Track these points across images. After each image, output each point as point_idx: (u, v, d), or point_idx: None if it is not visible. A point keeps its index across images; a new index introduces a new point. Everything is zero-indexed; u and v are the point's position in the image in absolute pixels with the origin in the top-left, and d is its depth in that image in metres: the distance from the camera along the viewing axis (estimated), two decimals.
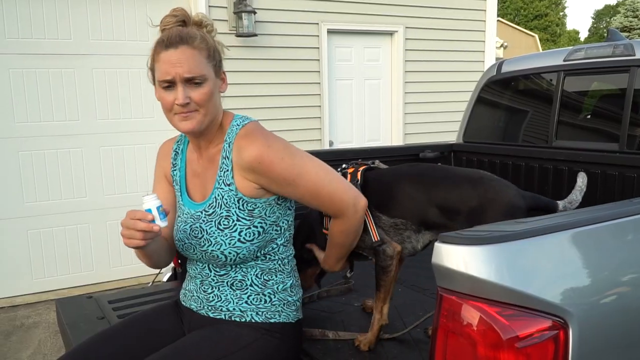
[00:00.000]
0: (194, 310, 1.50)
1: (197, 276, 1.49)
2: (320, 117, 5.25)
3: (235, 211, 1.38)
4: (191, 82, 1.32)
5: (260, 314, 1.44)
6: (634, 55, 2.37)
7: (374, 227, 1.58)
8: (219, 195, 1.39)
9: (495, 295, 0.95)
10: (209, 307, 1.47)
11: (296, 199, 1.43)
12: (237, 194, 1.38)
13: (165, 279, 2.35)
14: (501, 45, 11.07)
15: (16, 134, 4.11)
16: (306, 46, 5.09)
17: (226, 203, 1.38)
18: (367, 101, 5.64)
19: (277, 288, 1.47)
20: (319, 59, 5.16)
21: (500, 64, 3.04)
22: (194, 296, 1.50)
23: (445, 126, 5.70)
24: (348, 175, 1.65)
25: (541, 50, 20.63)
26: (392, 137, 5.78)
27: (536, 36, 21.64)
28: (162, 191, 1.54)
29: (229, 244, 1.37)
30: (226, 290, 1.45)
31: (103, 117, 4.38)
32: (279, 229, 1.45)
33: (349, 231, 1.50)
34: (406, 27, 5.56)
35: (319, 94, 5.22)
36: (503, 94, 3.04)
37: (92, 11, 4.27)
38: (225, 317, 1.45)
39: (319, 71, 5.17)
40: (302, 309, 1.56)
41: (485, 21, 6.05)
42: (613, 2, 42.50)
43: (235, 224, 1.37)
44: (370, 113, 5.69)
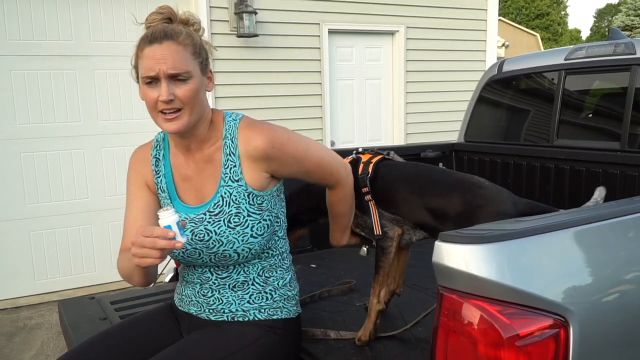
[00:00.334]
0: (193, 315, 1.49)
1: (195, 281, 1.46)
2: (321, 117, 5.25)
3: (245, 207, 1.37)
4: (175, 79, 1.28)
5: (262, 311, 1.44)
6: (635, 54, 2.37)
7: (377, 220, 1.65)
8: (226, 194, 1.37)
9: (496, 294, 0.95)
10: (210, 311, 1.45)
11: (301, 176, 1.46)
12: (247, 189, 1.37)
13: (167, 280, 2.36)
14: (502, 45, 11.06)
15: (18, 135, 4.12)
16: (307, 46, 5.09)
17: (235, 200, 1.36)
18: (368, 101, 5.64)
19: (278, 284, 1.47)
20: (320, 59, 5.16)
21: (501, 63, 3.04)
22: (192, 301, 1.48)
23: (447, 126, 5.69)
24: (361, 164, 1.69)
25: (543, 50, 20.63)
26: (394, 136, 5.78)
27: (538, 35, 21.61)
28: (143, 200, 1.46)
29: (242, 240, 1.36)
30: (227, 293, 1.44)
31: (104, 118, 4.39)
32: (279, 220, 1.47)
33: (347, 197, 1.58)
34: (407, 27, 5.56)
35: (320, 94, 5.22)
36: (504, 93, 3.04)
37: (93, 12, 4.28)
38: (227, 318, 1.44)
39: (320, 71, 5.18)
40: (301, 306, 1.58)
41: (486, 20, 6.04)
42: (615, 1, 42.44)
43: (247, 220, 1.36)
44: (372, 113, 5.69)
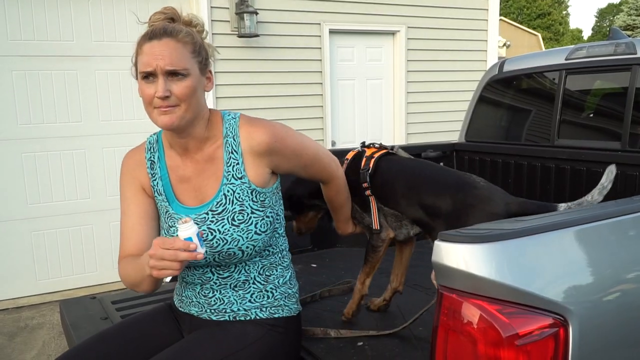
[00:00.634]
0: (194, 315, 1.49)
1: (196, 282, 1.46)
2: (322, 117, 5.26)
3: (249, 204, 1.37)
4: (173, 76, 1.28)
5: (264, 310, 1.45)
6: (635, 54, 2.37)
7: (377, 215, 1.72)
8: (229, 191, 1.37)
9: (496, 293, 0.95)
10: (212, 311, 1.45)
11: (298, 170, 1.50)
12: (250, 186, 1.38)
13: (168, 280, 2.35)
14: (504, 45, 11.04)
15: (19, 135, 4.13)
16: (308, 46, 5.09)
17: (239, 197, 1.37)
18: (369, 101, 5.65)
19: (278, 282, 1.48)
20: (320, 59, 5.16)
21: (502, 63, 3.04)
22: (193, 302, 1.48)
23: (448, 125, 5.69)
24: (364, 158, 1.75)
25: (544, 49, 20.60)
26: (395, 136, 5.78)
27: (539, 35, 21.58)
28: (140, 204, 1.45)
29: (246, 238, 1.37)
30: (228, 292, 1.44)
31: (106, 118, 4.40)
32: (278, 217, 1.48)
33: (342, 189, 1.66)
34: (408, 27, 5.56)
35: (321, 94, 5.22)
36: (505, 93, 3.04)
37: (95, 13, 4.29)
38: (229, 318, 1.44)
39: (321, 71, 5.18)
40: (302, 305, 1.58)
41: (487, 20, 6.04)
42: (616, 1, 42.39)
43: (250, 217, 1.37)
44: (373, 113, 5.69)
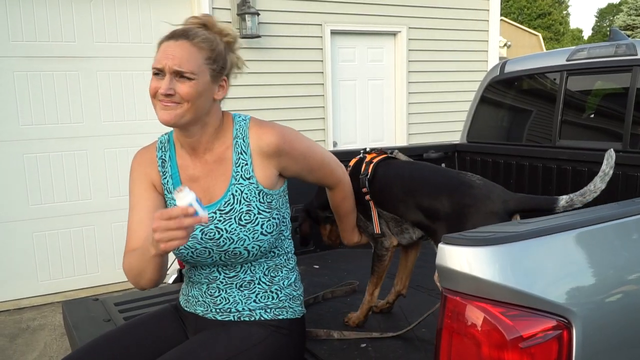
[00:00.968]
0: (199, 315, 1.50)
1: (202, 281, 1.48)
2: (324, 118, 5.26)
3: (256, 204, 1.40)
4: (180, 76, 1.31)
5: (268, 311, 1.46)
6: (636, 55, 2.37)
7: (377, 220, 1.73)
8: (237, 191, 1.40)
9: (499, 296, 0.96)
10: (217, 311, 1.46)
11: (306, 173, 1.52)
12: (257, 187, 1.40)
13: (170, 281, 2.36)
14: (504, 45, 11.05)
15: (21, 136, 4.13)
16: (309, 47, 5.10)
17: (246, 197, 1.39)
18: (370, 101, 5.65)
19: (283, 284, 1.49)
20: (322, 60, 5.17)
21: (503, 64, 3.05)
22: (199, 301, 1.49)
23: (449, 126, 5.70)
24: (364, 164, 1.77)
25: (545, 49, 20.61)
26: (396, 137, 5.79)
27: (540, 35, 21.57)
28: (150, 201, 1.46)
29: (252, 238, 1.38)
30: (234, 292, 1.45)
31: (107, 119, 4.41)
32: (285, 220, 1.50)
33: (348, 195, 1.68)
34: (409, 28, 5.57)
35: (323, 95, 5.23)
36: (506, 93, 3.04)
37: (96, 14, 4.29)
38: (234, 318, 1.45)
39: (322, 72, 5.19)
40: (305, 306, 1.58)
41: (488, 21, 6.05)
42: (616, 1, 42.38)
43: (257, 217, 1.39)
44: (374, 113, 5.69)
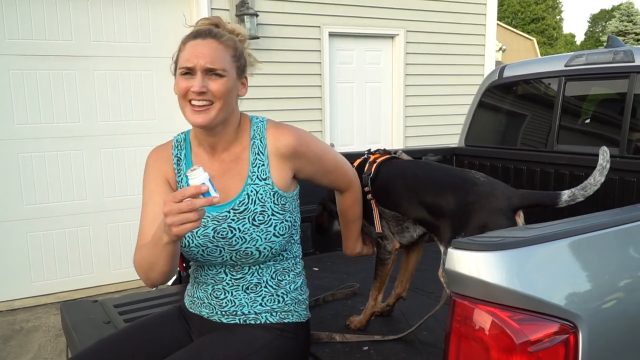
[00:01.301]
0: (204, 317, 1.49)
1: (208, 282, 1.47)
2: (321, 120, 5.27)
3: (270, 206, 1.41)
4: (211, 73, 1.34)
5: (274, 314, 1.45)
6: (633, 62, 2.40)
7: (379, 220, 1.75)
8: (252, 192, 1.41)
9: (507, 300, 0.97)
10: (222, 313, 1.46)
11: (320, 175, 1.53)
12: (273, 188, 1.42)
13: (170, 283, 2.35)
14: (499, 49, 11.12)
15: (16, 135, 4.10)
16: (308, 49, 5.11)
17: (261, 198, 1.40)
18: (368, 104, 5.67)
19: (290, 287, 1.49)
20: (320, 62, 5.18)
21: (501, 68, 3.06)
22: (204, 303, 1.49)
23: (446, 129, 5.73)
24: (367, 164, 1.79)
25: (539, 54, 20.74)
26: (393, 139, 5.81)
27: (534, 40, 21.71)
28: (164, 194, 1.46)
29: (264, 239, 1.39)
30: (240, 295, 1.45)
31: (104, 119, 4.39)
32: (296, 224, 1.50)
33: (359, 199, 1.69)
34: (407, 31, 5.59)
35: (320, 97, 5.24)
36: (504, 98, 3.06)
37: (94, 13, 4.28)
38: (240, 321, 1.45)
39: (320, 74, 5.19)
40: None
41: (485, 25, 6.09)
42: (608, 7, 42.75)
43: (270, 219, 1.40)
44: (371, 116, 5.71)
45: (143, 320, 1.54)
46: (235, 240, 1.39)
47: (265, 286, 1.45)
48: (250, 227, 1.39)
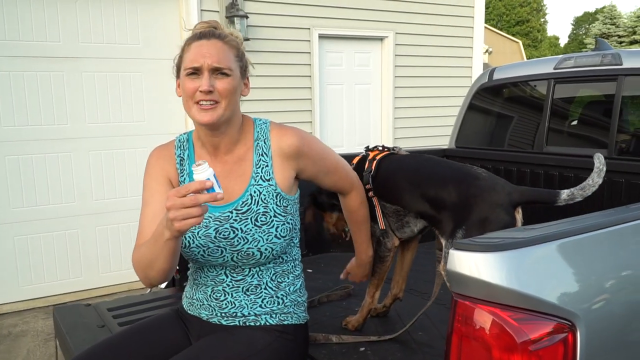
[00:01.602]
0: (203, 319, 1.49)
1: (208, 283, 1.47)
2: (311, 122, 5.28)
3: (273, 207, 1.42)
4: (217, 73, 1.36)
5: (274, 316, 1.46)
6: (621, 65, 2.44)
7: (381, 216, 1.76)
8: (255, 192, 1.41)
9: (507, 300, 0.98)
10: (222, 315, 1.46)
11: (322, 175, 1.55)
12: (276, 189, 1.43)
13: (163, 286, 2.34)
14: (486, 51, 11.23)
15: (3, 138, 4.05)
16: (298, 51, 5.11)
17: (264, 199, 1.41)
18: (357, 106, 5.69)
19: (289, 289, 1.50)
20: (310, 64, 5.19)
21: (491, 71, 3.10)
22: (203, 305, 1.48)
23: (435, 130, 5.78)
24: (367, 161, 1.80)
25: (524, 56, 20.94)
26: (382, 141, 5.83)
27: (520, 42, 21.94)
28: (165, 195, 1.42)
29: (266, 240, 1.40)
30: (240, 296, 1.45)
31: (93, 121, 4.35)
32: (296, 228, 1.51)
33: (364, 199, 1.68)
34: (396, 33, 5.62)
35: (310, 99, 5.24)
36: (495, 100, 3.10)
37: (82, 14, 4.24)
38: (239, 323, 1.45)
39: (310, 76, 5.20)
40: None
41: (473, 28, 6.14)
42: (592, 10, 43.34)
43: (272, 220, 1.41)
44: (361, 117, 5.73)
45: (140, 324, 1.53)
46: (237, 241, 1.39)
47: (265, 288, 1.46)
48: (252, 227, 1.39)
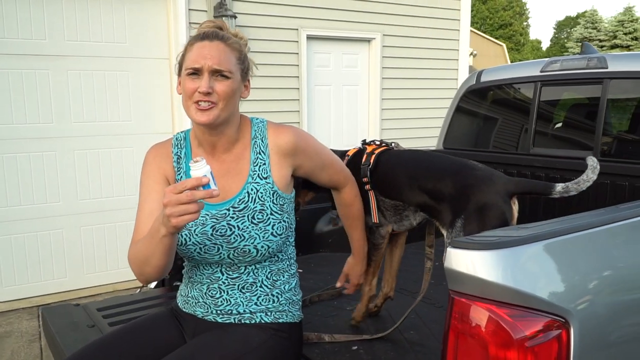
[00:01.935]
0: (199, 317, 1.49)
1: (203, 281, 1.47)
2: (299, 122, 5.28)
3: (269, 205, 1.43)
4: (217, 75, 1.36)
5: (269, 314, 1.46)
6: (606, 68, 2.49)
7: (375, 210, 1.77)
8: (252, 190, 1.43)
9: (503, 297, 1.00)
10: (217, 312, 1.46)
11: (319, 170, 1.57)
12: (273, 187, 1.44)
13: (152, 285, 2.33)
14: (471, 54, 11.34)
15: None
16: (286, 51, 5.11)
17: (261, 197, 1.42)
18: (345, 107, 5.71)
19: (284, 288, 1.50)
20: (298, 65, 5.19)
21: (479, 73, 3.14)
22: (198, 302, 1.48)
23: (422, 132, 5.82)
24: (364, 154, 1.80)
25: (508, 59, 21.19)
26: None
27: (504, 45, 22.21)
28: (162, 193, 1.41)
29: (262, 237, 1.41)
30: (236, 294, 1.45)
31: (78, 119, 4.29)
32: (291, 227, 1.52)
33: (358, 192, 1.71)
34: (384, 35, 5.66)
35: (298, 99, 5.25)
36: (482, 102, 3.13)
37: (68, 12, 4.19)
38: (235, 320, 1.45)
39: (298, 76, 5.21)
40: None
41: (459, 30, 6.21)
42: (573, 14, 44.03)
43: (269, 218, 1.42)
44: (348, 118, 5.75)
45: (132, 323, 1.52)
46: (234, 238, 1.40)
47: (261, 286, 1.46)
48: (249, 225, 1.40)
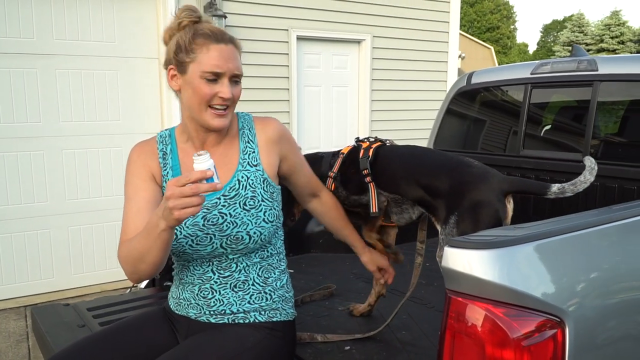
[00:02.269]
0: (192, 318, 1.47)
1: (194, 282, 1.45)
2: (289, 123, 5.28)
3: (260, 192, 1.44)
4: (232, 80, 1.39)
5: (262, 313, 1.46)
6: (596, 71, 2.52)
7: (375, 201, 1.76)
8: (243, 177, 1.44)
9: (499, 296, 1.01)
10: (211, 313, 1.45)
11: (299, 167, 1.61)
12: (263, 174, 1.46)
13: (142, 286, 2.31)
14: (459, 56, 11.41)
15: None
16: (276, 52, 5.11)
17: (252, 184, 1.44)
18: (334, 108, 5.71)
19: (276, 285, 1.50)
20: (288, 65, 5.19)
21: (469, 75, 3.15)
22: (191, 304, 1.47)
23: (412, 133, 5.84)
24: (362, 150, 1.82)
25: (496, 62, 21.36)
26: None
27: (492, 48, 22.39)
28: (150, 191, 1.43)
29: (254, 223, 1.41)
30: (228, 293, 1.44)
31: (66, 119, 4.25)
32: (280, 218, 1.53)
33: (336, 199, 1.78)
34: (373, 36, 5.67)
35: (288, 100, 5.24)
36: (472, 104, 3.15)
37: (57, 10, 4.14)
38: (228, 320, 1.44)
39: (288, 77, 5.20)
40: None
41: (448, 32, 6.25)
42: (560, 17, 44.51)
43: (260, 204, 1.43)
44: (338, 119, 5.76)
45: (125, 321, 1.50)
46: (227, 225, 1.40)
47: (253, 284, 1.46)
48: (241, 211, 1.41)
